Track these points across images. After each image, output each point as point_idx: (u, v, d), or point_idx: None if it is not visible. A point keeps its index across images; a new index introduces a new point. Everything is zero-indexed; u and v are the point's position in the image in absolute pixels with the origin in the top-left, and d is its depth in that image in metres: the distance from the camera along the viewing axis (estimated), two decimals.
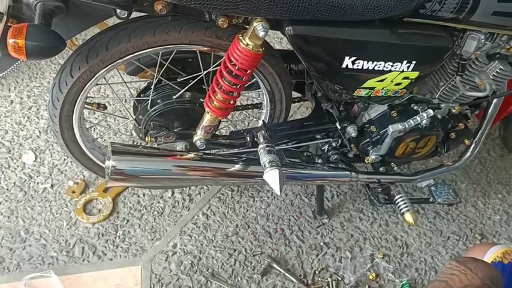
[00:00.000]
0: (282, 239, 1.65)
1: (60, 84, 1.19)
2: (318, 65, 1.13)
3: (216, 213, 1.71)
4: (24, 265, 1.53)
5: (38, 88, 2.08)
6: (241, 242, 1.63)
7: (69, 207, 1.68)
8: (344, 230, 1.69)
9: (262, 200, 1.76)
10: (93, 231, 1.62)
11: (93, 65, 1.16)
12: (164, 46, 1.16)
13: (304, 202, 1.76)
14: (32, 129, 1.92)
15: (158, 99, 1.31)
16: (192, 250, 1.60)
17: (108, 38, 1.14)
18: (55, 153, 1.84)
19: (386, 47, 1.11)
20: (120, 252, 1.58)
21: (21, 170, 1.78)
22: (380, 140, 1.37)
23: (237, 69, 1.11)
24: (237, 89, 1.17)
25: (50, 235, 1.60)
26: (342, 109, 1.37)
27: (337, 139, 1.39)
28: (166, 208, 1.71)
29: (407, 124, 1.28)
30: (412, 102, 1.35)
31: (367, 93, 1.22)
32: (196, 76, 1.31)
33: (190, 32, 1.13)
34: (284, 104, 1.39)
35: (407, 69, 1.16)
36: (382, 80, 1.17)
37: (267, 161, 1.18)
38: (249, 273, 1.55)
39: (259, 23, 1.03)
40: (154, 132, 1.32)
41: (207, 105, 1.20)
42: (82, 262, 1.55)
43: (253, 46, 1.07)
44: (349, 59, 1.10)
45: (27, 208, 1.67)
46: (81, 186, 1.73)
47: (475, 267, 0.90)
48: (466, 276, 0.89)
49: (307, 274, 1.56)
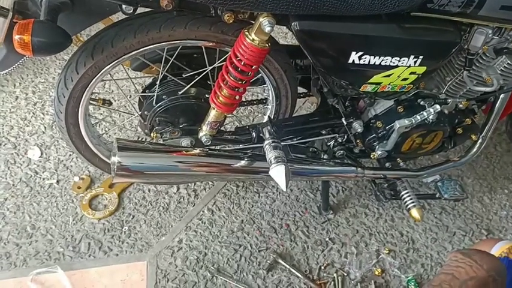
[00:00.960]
0: (287, 235, 1.65)
1: (65, 80, 1.19)
2: (324, 60, 1.12)
3: (221, 208, 1.71)
4: (31, 260, 1.53)
5: (43, 84, 2.08)
6: (246, 238, 1.63)
7: (75, 203, 1.68)
8: (349, 225, 1.69)
9: (268, 196, 1.75)
10: (99, 226, 1.63)
11: (99, 61, 1.16)
12: (169, 42, 1.16)
13: (310, 198, 1.76)
14: (38, 125, 1.92)
15: (163, 95, 1.31)
16: (197, 245, 1.60)
17: (114, 34, 1.13)
18: (60, 148, 1.84)
19: (393, 42, 1.10)
20: (126, 247, 1.58)
21: (27, 166, 1.78)
22: (386, 135, 1.36)
23: (242, 65, 1.11)
24: (243, 85, 1.16)
25: (56, 230, 1.61)
26: (348, 104, 1.36)
27: (343, 135, 1.39)
28: (171, 204, 1.71)
29: (414, 119, 1.27)
30: (419, 98, 1.34)
31: (373, 89, 1.21)
32: (201, 72, 1.30)
33: (196, 27, 1.13)
34: (290, 100, 1.39)
35: (414, 64, 1.15)
36: (389, 75, 1.16)
37: (273, 157, 1.17)
38: (254, 268, 1.55)
39: (265, 18, 1.02)
40: (159, 128, 1.32)
41: (212, 101, 1.20)
42: (88, 258, 1.55)
43: (259, 41, 1.06)
44: (355, 54, 1.10)
45: (33, 204, 1.67)
46: (86, 181, 1.73)
47: (480, 259, 0.90)
48: (472, 268, 0.89)
49: (312, 270, 1.56)
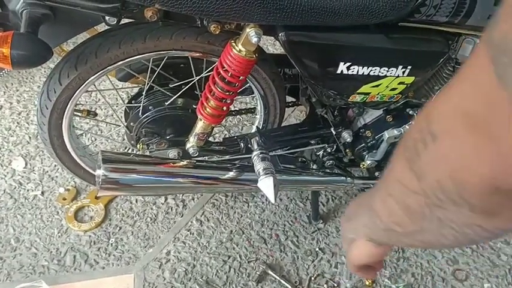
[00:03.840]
0: (277, 245, 1.63)
1: (48, 91, 1.16)
2: (312, 71, 1.11)
3: (210, 219, 1.68)
4: (15, 274, 1.49)
5: (28, 93, 2.05)
6: (235, 249, 1.61)
7: (60, 215, 1.65)
8: (339, 234, 1.67)
9: (257, 205, 1.73)
10: (85, 239, 1.59)
11: (83, 72, 1.13)
12: (155, 52, 1.14)
13: (299, 207, 1.74)
14: (22, 135, 1.88)
15: (150, 106, 1.29)
16: (186, 257, 1.57)
17: (98, 45, 1.11)
18: (45, 159, 1.80)
19: (382, 52, 1.09)
20: (112, 260, 1.55)
21: (11, 177, 1.74)
22: (375, 145, 1.35)
23: (229, 76, 1.09)
24: (230, 96, 1.15)
25: (41, 243, 1.57)
26: (337, 114, 1.35)
27: (332, 144, 1.37)
28: (159, 214, 1.68)
29: (403, 130, 1.26)
30: (408, 107, 1.33)
31: (362, 99, 1.20)
32: (188, 82, 1.29)
33: (182, 38, 1.11)
34: (278, 109, 1.38)
35: (403, 74, 1.15)
36: (378, 85, 1.16)
37: (261, 169, 1.16)
38: (244, 280, 1.53)
39: (252, 29, 1.01)
40: (146, 139, 1.29)
41: (199, 112, 1.18)
42: (74, 271, 1.52)
43: (246, 52, 1.05)
44: (344, 65, 1.09)
45: (17, 216, 1.64)
46: (72, 193, 1.70)
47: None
48: None
49: (302, 280, 1.54)
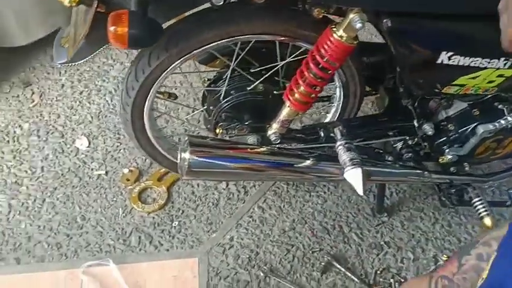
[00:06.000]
0: (340, 236, 1.60)
1: (136, 72, 1.15)
2: (411, 59, 1.07)
3: (272, 207, 1.67)
4: (82, 252, 1.51)
5: (88, 72, 2.04)
6: (298, 238, 1.59)
7: (124, 195, 1.66)
8: (405, 229, 1.64)
9: (319, 195, 1.71)
10: (149, 220, 1.60)
11: (172, 54, 1.12)
12: (246, 35, 1.11)
13: (362, 199, 1.71)
14: (84, 114, 1.89)
15: (232, 90, 1.26)
16: (249, 244, 1.56)
17: (189, 28, 1.09)
18: (108, 139, 1.81)
19: (486, 43, 1.04)
20: (176, 243, 1.55)
21: (75, 156, 1.76)
22: (459, 138, 1.30)
23: (325, 61, 1.06)
24: (321, 83, 1.11)
25: (106, 222, 1.59)
26: (420, 105, 1.31)
27: (413, 137, 1.33)
28: (221, 200, 1.67)
29: (498, 124, 1.21)
30: (496, 101, 1.28)
31: (456, 90, 1.15)
32: (270, 67, 1.26)
33: (277, 21, 1.08)
34: (358, 98, 1.34)
35: (504, 66, 1.09)
36: (475, 77, 1.10)
37: (348, 159, 1.13)
38: (308, 270, 1.51)
39: (356, 14, 0.97)
40: (225, 124, 1.28)
41: (287, 97, 1.15)
42: (139, 252, 1.53)
43: (346, 38, 1.01)
44: (445, 54, 1.04)
45: (82, 194, 1.65)
46: (135, 174, 1.70)
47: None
48: None
49: (368, 274, 1.52)
